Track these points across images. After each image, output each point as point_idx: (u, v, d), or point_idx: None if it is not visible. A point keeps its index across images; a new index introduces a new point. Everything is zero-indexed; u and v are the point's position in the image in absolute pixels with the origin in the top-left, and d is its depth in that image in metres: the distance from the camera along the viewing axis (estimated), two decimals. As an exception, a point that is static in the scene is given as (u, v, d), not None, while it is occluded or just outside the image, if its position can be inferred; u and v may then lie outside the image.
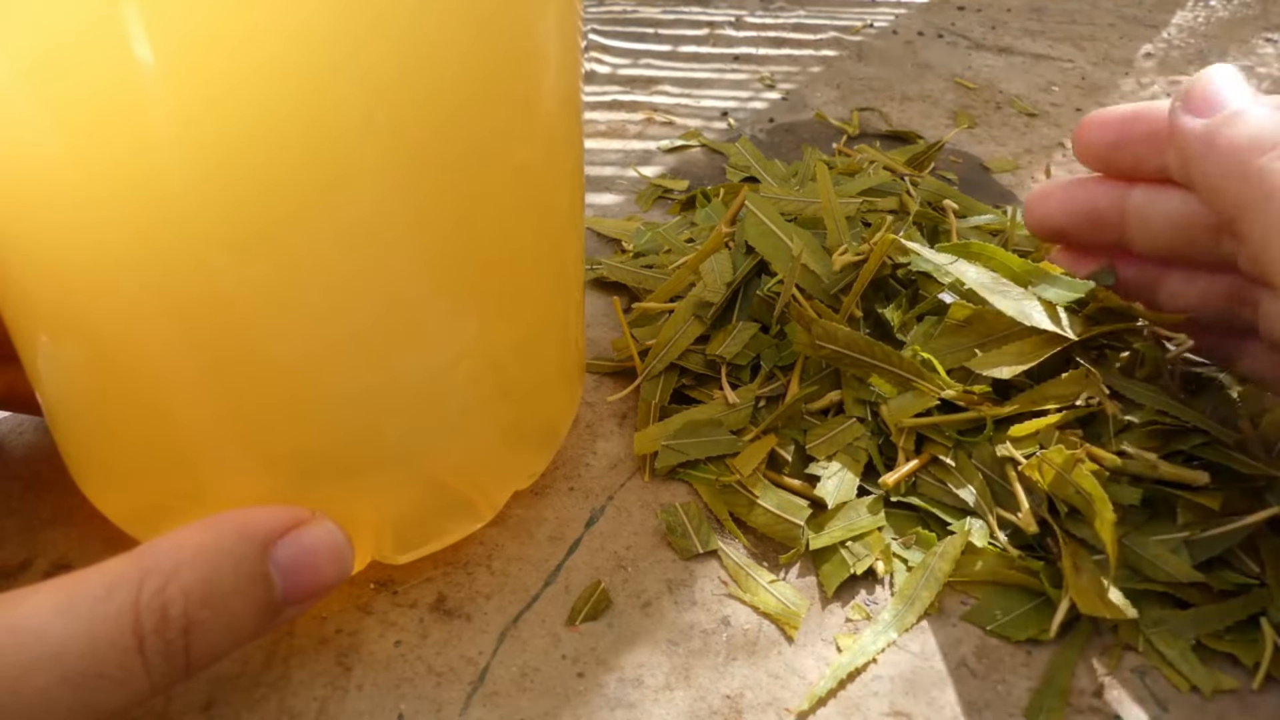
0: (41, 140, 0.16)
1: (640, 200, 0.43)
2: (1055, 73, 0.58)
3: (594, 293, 0.36)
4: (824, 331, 0.28)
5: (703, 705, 0.22)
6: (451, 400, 0.22)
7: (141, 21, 0.15)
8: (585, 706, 0.22)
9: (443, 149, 0.18)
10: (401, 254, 0.19)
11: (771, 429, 0.28)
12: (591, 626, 0.24)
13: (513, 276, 0.22)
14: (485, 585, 0.25)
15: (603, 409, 0.31)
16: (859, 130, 0.50)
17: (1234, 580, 0.24)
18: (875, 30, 0.64)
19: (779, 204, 0.35)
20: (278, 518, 0.20)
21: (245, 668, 0.23)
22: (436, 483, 0.23)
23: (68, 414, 0.22)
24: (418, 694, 0.22)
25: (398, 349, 0.20)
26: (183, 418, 0.20)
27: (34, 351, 0.21)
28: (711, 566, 0.26)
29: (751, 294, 0.32)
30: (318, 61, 0.16)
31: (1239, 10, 0.70)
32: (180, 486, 0.22)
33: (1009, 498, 0.26)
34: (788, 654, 0.24)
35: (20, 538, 0.26)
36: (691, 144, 0.48)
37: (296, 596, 0.20)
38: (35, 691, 0.16)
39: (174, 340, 0.19)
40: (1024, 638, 0.24)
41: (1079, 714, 0.22)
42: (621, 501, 0.28)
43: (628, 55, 0.60)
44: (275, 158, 0.17)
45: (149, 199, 0.17)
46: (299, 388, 0.20)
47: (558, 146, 0.22)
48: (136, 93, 0.15)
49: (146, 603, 0.17)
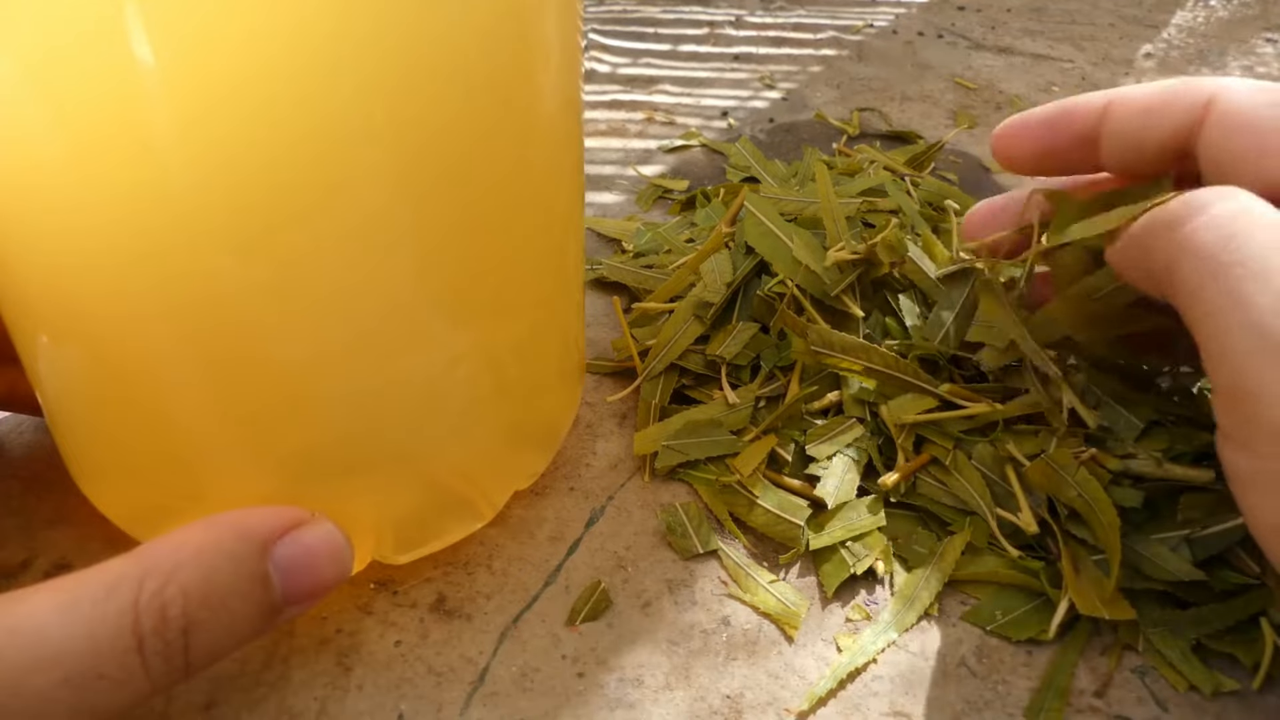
0: (43, 141, 0.16)
1: (640, 200, 0.43)
2: (1055, 73, 0.58)
3: (594, 293, 0.36)
4: (819, 338, 0.28)
5: (703, 705, 0.22)
6: (452, 400, 0.22)
7: (143, 23, 0.15)
8: (585, 706, 0.22)
9: (443, 150, 0.18)
10: (402, 254, 0.19)
11: (771, 429, 0.28)
12: (591, 626, 0.24)
13: (513, 276, 0.22)
14: (485, 585, 0.25)
15: (603, 409, 0.31)
16: (859, 130, 0.50)
17: (1234, 580, 0.24)
18: (875, 30, 0.64)
19: (779, 204, 0.35)
20: (277, 518, 0.20)
21: (245, 668, 0.23)
22: (436, 483, 0.23)
23: (68, 414, 0.22)
24: (418, 694, 0.22)
25: (398, 349, 0.20)
26: (183, 418, 0.20)
27: (34, 352, 0.21)
28: (711, 566, 0.26)
29: (751, 294, 0.32)
30: (319, 63, 0.16)
31: (1239, 10, 0.70)
32: (180, 487, 0.22)
33: (1009, 498, 0.26)
34: (788, 654, 0.24)
35: (20, 538, 0.26)
36: (691, 144, 0.48)
37: (296, 597, 0.20)
38: (35, 692, 0.16)
39: (174, 341, 0.19)
40: (1024, 638, 0.24)
41: (1079, 714, 0.22)
42: (621, 501, 0.28)
43: (628, 54, 0.60)
44: (277, 159, 0.17)
45: (150, 200, 0.17)
46: (299, 388, 0.20)
47: (558, 146, 0.22)
48: (138, 94, 0.15)
49: (146, 603, 0.17)
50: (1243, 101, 0.21)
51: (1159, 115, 0.23)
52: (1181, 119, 0.22)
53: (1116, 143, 0.23)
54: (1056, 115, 0.25)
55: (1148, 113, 0.23)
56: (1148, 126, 0.23)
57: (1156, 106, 0.23)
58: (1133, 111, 0.23)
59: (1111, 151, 0.24)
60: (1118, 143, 0.23)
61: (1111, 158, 0.24)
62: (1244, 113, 0.21)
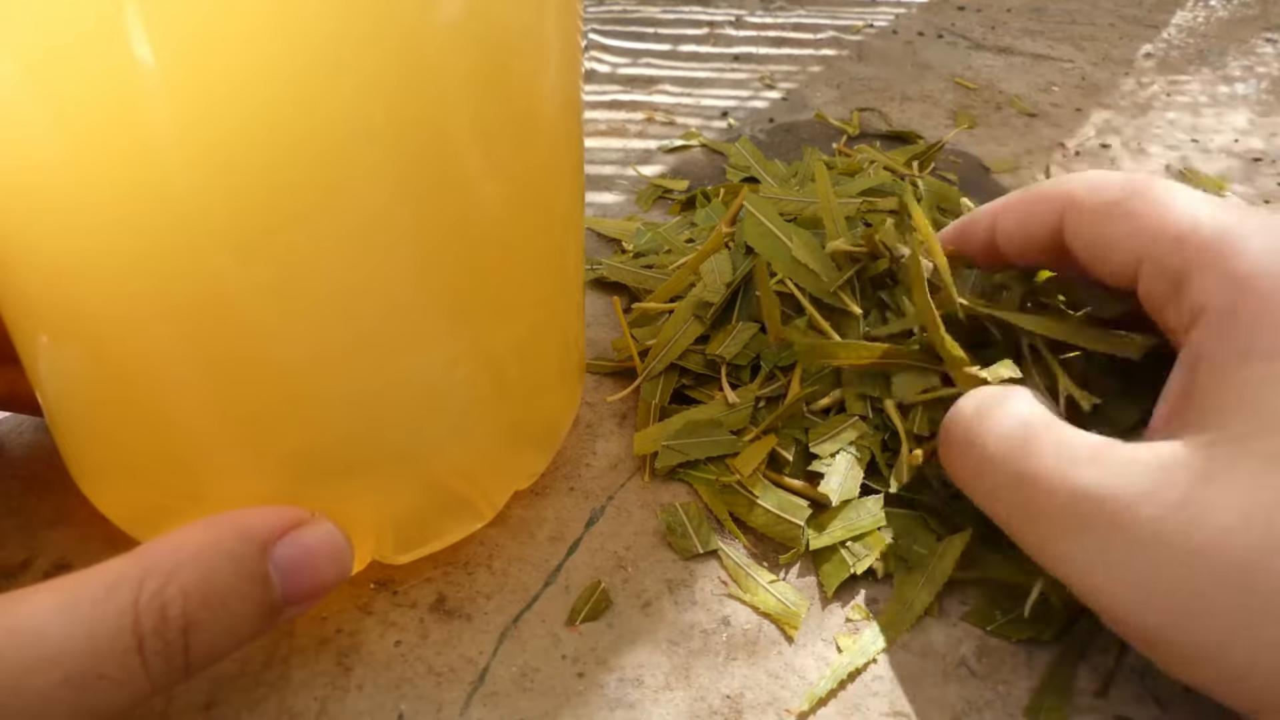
0: (43, 141, 0.16)
1: (640, 200, 0.43)
2: (1055, 73, 0.58)
3: (594, 293, 0.36)
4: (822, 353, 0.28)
5: (703, 705, 0.22)
6: (452, 400, 0.22)
7: (143, 23, 0.15)
8: (585, 706, 0.22)
9: (443, 150, 0.18)
10: (402, 255, 0.19)
11: (772, 429, 0.28)
12: (591, 626, 0.24)
13: (513, 277, 0.22)
14: (485, 585, 0.25)
15: (603, 409, 0.31)
16: (859, 130, 0.50)
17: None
18: (875, 30, 0.64)
19: (778, 204, 0.35)
20: (277, 518, 0.20)
21: (245, 668, 0.23)
22: (436, 483, 0.23)
23: (68, 414, 0.22)
24: (418, 694, 0.22)
25: (398, 349, 0.20)
26: (183, 419, 0.20)
27: (34, 352, 0.21)
28: (711, 566, 0.26)
29: (751, 294, 0.32)
30: (318, 63, 0.16)
31: (1239, 10, 0.70)
32: (180, 487, 0.22)
33: None
34: (788, 654, 0.24)
35: (20, 538, 0.26)
36: (691, 144, 0.48)
37: (296, 597, 0.20)
38: (35, 692, 0.16)
39: (174, 341, 0.19)
40: (1024, 637, 0.24)
41: (1079, 714, 0.22)
42: (621, 501, 0.28)
43: (628, 55, 0.60)
44: (277, 159, 0.17)
45: (150, 200, 0.17)
46: (299, 388, 0.20)
47: (558, 146, 0.22)
48: (138, 94, 0.15)
49: (146, 603, 0.17)
50: (1086, 201, 0.24)
51: (1031, 221, 0.26)
52: (1049, 224, 0.26)
53: (1007, 245, 0.27)
54: (960, 230, 0.29)
55: (1022, 222, 0.26)
56: (1028, 233, 0.26)
57: (1028, 214, 0.26)
58: (1011, 221, 0.27)
59: (1010, 253, 0.27)
60: (1011, 248, 0.27)
61: (1009, 256, 0.27)
62: (1091, 213, 0.24)
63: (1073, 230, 0.25)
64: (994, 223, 0.27)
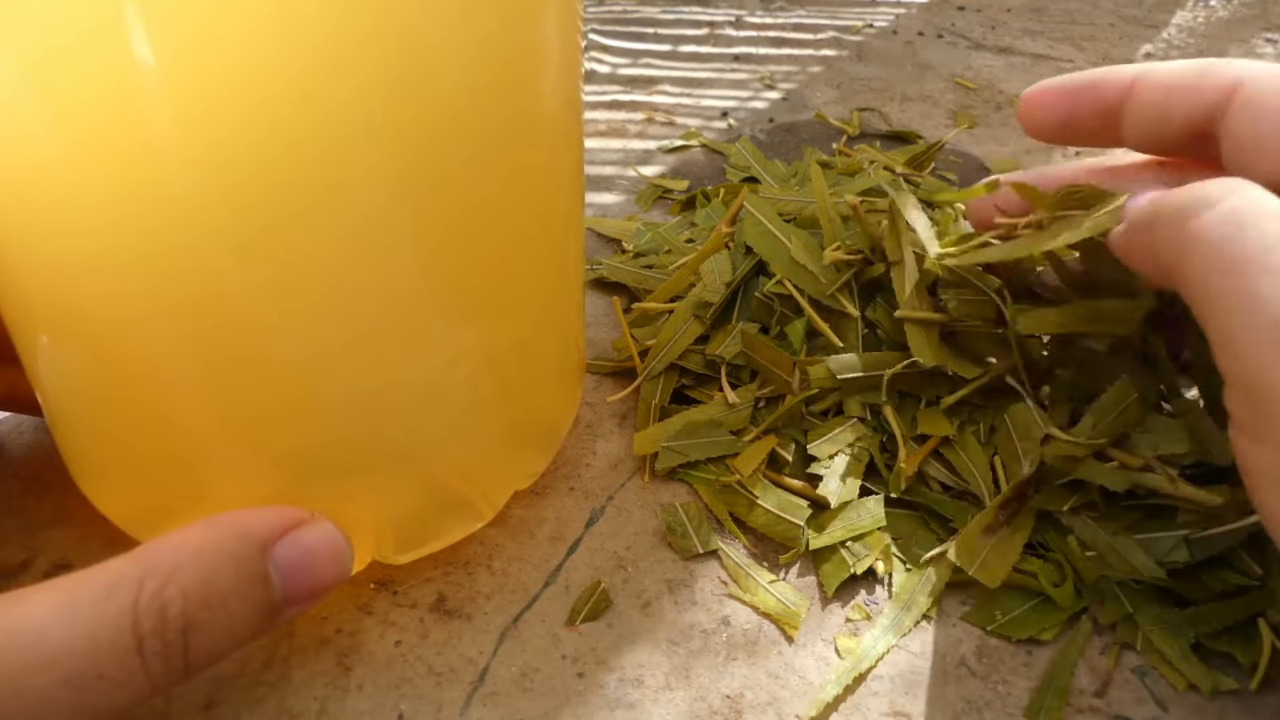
0: (43, 141, 0.16)
1: (640, 200, 0.43)
2: (1055, 73, 0.58)
3: (594, 293, 0.36)
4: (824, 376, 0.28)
5: (703, 705, 0.22)
6: (452, 400, 0.22)
7: (143, 23, 0.15)
8: (585, 706, 0.22)
9: (443, 150, 0.18)
10: (402, 255, 0.19)
11: (771, 429, 0.28)
12: (591, 626, 0.24)
13: (513, 277, 0.22)
14: (485, 585, 0.25)
15: (603, 409, 0.31)
16: (859, 130, 0.50)
17: (1234, 580, 0.24)
18: (875, 30, 0.64)
19: (778, 204, 0.35)
20: (277, 518, 0.20)
21: (245, 668, 0.23)
22: (436, 483, 0.23)
23: (68, 414, 0.22)
24: (418, 694, 0.22)
25: (398, 349, 0.20)
26: (183, 419, 0.20)
27: (34, 352, 0.21)
28: (711, 566, 0.26)
29: (751, 294, 0.32)
30: (319, 63, 0.16)
31: (1239, 10, 0.70)
32: (180, 487, 0.22)
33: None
34: (788, 654, 0.24)
35: (20, 538, 0.26)
36: (691, 144, 0.48)
37: (296, 597, 0.20)
38: (35, 692, 0.16)
39: (174, 341, 0.19)
40: (1024, 637, 0.24)
41: (1079, 714, 0.22)
42: (621, 501, 0.28)
43: (628, 55, 0.60)
44: (277, 159, 0.17)
45: (150, 200, 0.17)
46: (299, 388, 0.20)
47: (558, 146, 0.22)
48: (138, 94, 0.15)
49: (146, 603, 0.17)
50: (1268, 88, 0.21)
51: (1183, 96, 0.23)
52: (1206, 101, 0.22)
53: (1139, 120, 0.23)
54: (1084, 86, 0.25)
55: (1172, 92, 0.23)
56: (1171, 106, 0.23)
57: (1182, 87, 0.23)
58: (1158, 90, 0.23)
59: (1133, 128, 0.24)
60: (1141, 120, 0.23)
61: (1133, 134, 0.24)
62: (1268, 100, 0.21)
63: (1237, 124, 0.21)
64: (1130, 90, 0.24)
